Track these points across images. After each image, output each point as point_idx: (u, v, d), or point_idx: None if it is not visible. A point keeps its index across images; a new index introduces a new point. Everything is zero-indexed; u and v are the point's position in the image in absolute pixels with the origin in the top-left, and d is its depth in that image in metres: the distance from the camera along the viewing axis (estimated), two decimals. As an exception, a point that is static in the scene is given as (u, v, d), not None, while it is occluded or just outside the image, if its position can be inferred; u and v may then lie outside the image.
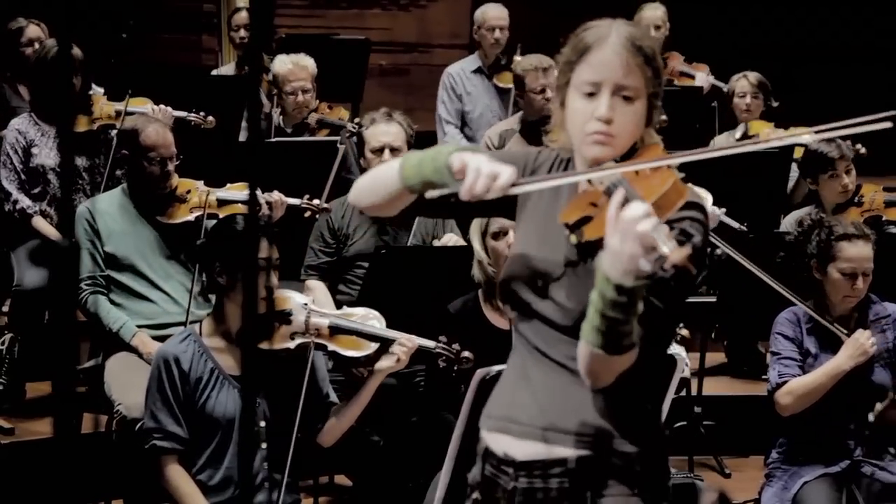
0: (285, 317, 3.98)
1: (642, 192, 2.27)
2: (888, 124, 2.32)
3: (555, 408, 2.43)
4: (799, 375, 4.30)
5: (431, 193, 2.40)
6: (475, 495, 2.54)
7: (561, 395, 2.42)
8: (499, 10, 7.10)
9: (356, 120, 6.15)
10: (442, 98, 7.04)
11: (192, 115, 5.56)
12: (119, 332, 4.58)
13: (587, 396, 2.40)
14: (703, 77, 7.33)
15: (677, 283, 2.33)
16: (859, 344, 4.24)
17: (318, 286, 4.94)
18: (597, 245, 2.30)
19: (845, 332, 4.29)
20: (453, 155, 2.36)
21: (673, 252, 2.14)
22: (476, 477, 2.55)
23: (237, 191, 4.84)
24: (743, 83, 6.76)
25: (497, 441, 2.50)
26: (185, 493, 3.80)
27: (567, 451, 2.41)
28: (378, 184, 2.54)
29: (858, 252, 4.28)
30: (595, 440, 2.40)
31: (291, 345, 3.96)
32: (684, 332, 4.54)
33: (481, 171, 2.30)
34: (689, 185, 2.35)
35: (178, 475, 3.82)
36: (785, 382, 4.29)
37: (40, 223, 5.37)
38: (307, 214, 4.98)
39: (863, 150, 5.92)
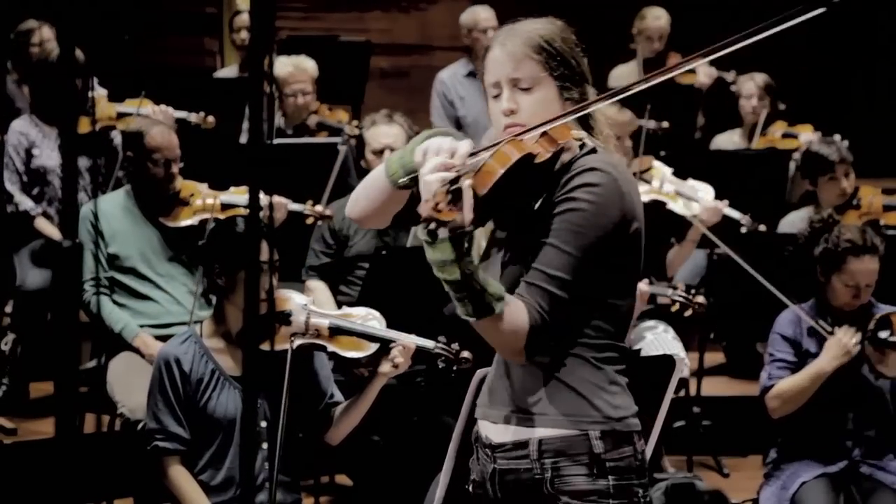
0: (285, 318, 3.99)
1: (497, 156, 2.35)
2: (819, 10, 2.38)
3: (519, 391, 2.50)
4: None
5: (403, 180, 2.49)
6: (472, 476, 2.63)
7: (522, 378, 2.50)
8: (488, 12, 7.07)
9: (355, 122, 6.16)
10: (434, 105, 7.04)
11: (193, 115, 5.58)
12: (121, 332, 4.60)
13: (542, 376, 2.47)
14: (704, 69, 7.33)
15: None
16: (842, 344, 4.23)
17: (318, 287, 4.96)
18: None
19: (829, 330, 4.28)
20: (416, 148, 2.46)
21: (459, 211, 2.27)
22: (473, 463, 2.64)
23: (241, 195, 4.86)
24: (749, 86, 6.76)
25: (482, 426, 2.59)
26: (187, 493, 3.82)
27: (528, 432, 2.48)
28: (369, 188, 2.62)
29: (864, 267, 4.25)
30: (554, 419, 2.46)
31: (291, 346, 3.97)
32: (700, 299, 4.50)
33: (441, 147, 2.39)
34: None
35: (180, 476, 3.84)
36: (773, 386, 4.31)
37: (43, 224, 5.39)
38: (309, 221, 4.99)
39: (782, 106, 5.90)
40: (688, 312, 4.42)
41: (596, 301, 2.46)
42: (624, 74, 7.30)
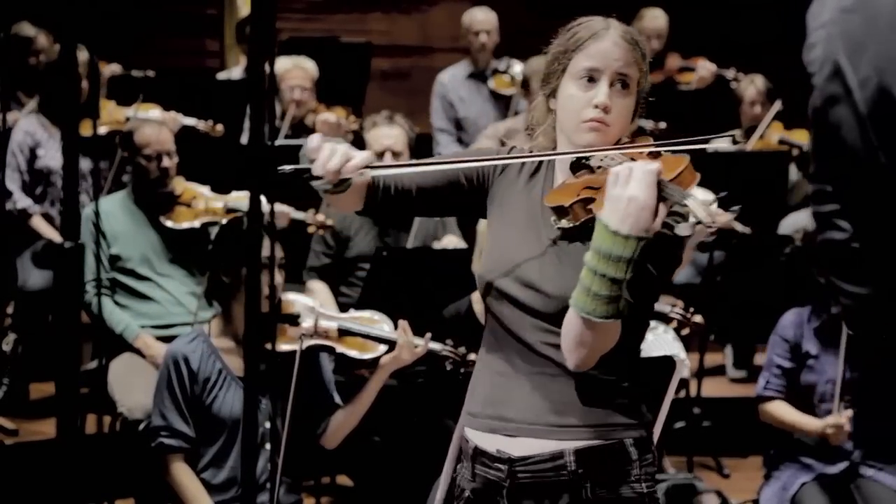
0: (294, 320, 4.01)
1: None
2: (726, 143, 2.42)
3: (546, 402, 2.42)
4: (781, 392, 4.38)
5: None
6: (467, 494, 2.53)
7: (550, 388, 2.42)
8: (485, 14, 7.06)
9: (352, 118, 6.16)
10: (434, 107, 7.04)
11: (201, 122, 5.59)
12: (122, 333, 4.61)
13: (576, 386, 2.41)
14: (704, 67, 7.33)
15: (671, 253, 2.39)
16: (840, 426, 4.24)
17: (319, 287, 4.96)
18: (584, 229, 2.35)
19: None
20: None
21: (716, 215, 2.20)
22: (466, 475, 2.54)
23: (243, 199, 4.86)
24: (751, 91, 6.77)
25: (487, 439, 2.49)
26: (190, 491, 3.83)
27: (562, 444, 2.41)
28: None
29: None
30: (590, 430, 2.41)
31: (301, 346, 3.98)
32: (697, 318, 4.52)
33: (336, 150, 2.38)
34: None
35: (183, 473, 3.85)
36: (768, 398, 4.38)
37: (39, 223, 5.39)
38: (311, 230, 4.99)
39: (663, 125, 5.93)
40: (685, 331, 4.45)
41: (647, 312, 2.49)
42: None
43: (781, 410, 4.38)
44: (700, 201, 2.20)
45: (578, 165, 2.46)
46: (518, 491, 2.45)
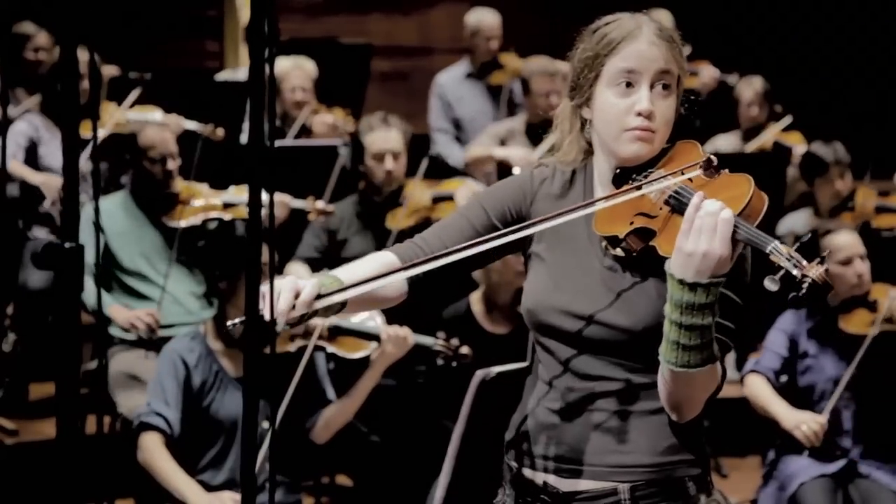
0: (286, 320, 4.00)
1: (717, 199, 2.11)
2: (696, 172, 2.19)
3: (603, 442, 2.27)
4: (774, 370, 4.40)
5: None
6: None
7: (608, 427, 2.27)
8: (495, 19, 7.05)
9: (349, 120, 6.16)
10: (433, 106, 7.04)
11: (202, 126, 5.59)
12: (95, 307, 4.57)
13: (637, 424, 2.27)
14: (708, 72, 7.34)
15: (743, 270, 2.23)
16: (808, 427, 4.21)
17: (298, 268, 4.91)
18: (640, 256, 2.21)
19: None
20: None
21: (809, 268, 2.04)
22: (506, 502, 2.40)
23: (241, 194, 4.87)
24: (749, 93, 6.78)
25: (536, 474, 2.34)
26: (161, 467, 3.73)
27: (619, 484, 2.26)
28: None
29: (846, 239, 4.37)
30: (650, 466, 2.26)
31: (292, 348, 3.98)
32: None
33: (281, 288, 2.13)
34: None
35: (154, 448, 3.74)
36: (754, 371, 4.41)
37: (17, 167, 5.34)
38: (311, 217, 5.00)
39: (779, 108, 5.91)
40: None
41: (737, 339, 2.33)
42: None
43: (761, 389, 4.37)
44: (785, 251, 2.05)
45: (622, 179, 2.28)
46: None
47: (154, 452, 3.75)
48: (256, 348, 2.00)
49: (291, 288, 2.12)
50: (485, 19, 7.03)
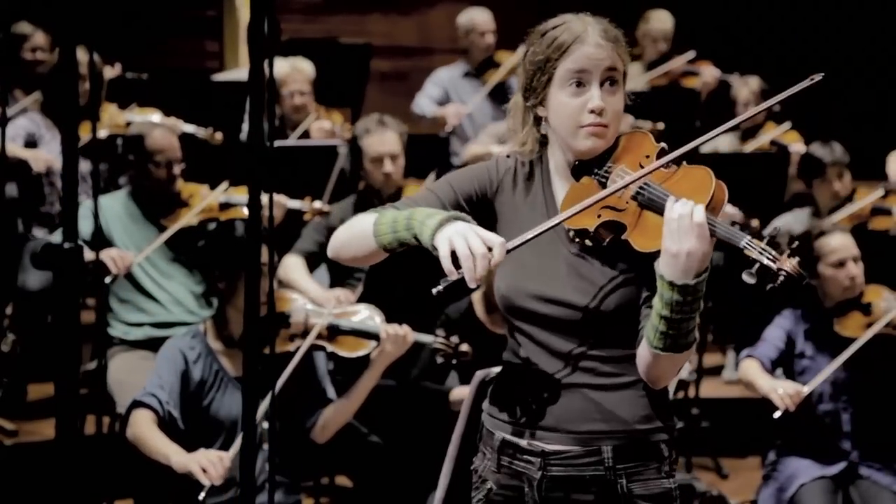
0: (284, 320, 4.01)
1: (682, 194, 2.28)
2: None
3: (584, 412, 2.45)
4: (770, 358, 4.39)
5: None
6: (489, 485, 2.53)
7: (588, 399, 2.45)
8: (487, 15, 7.07)
9: (346, 125, 6.15)
10: (426, 84, 7.06)
11: (201, 129, 5.59)
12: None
13: (615, 396, 2.45)
14: (709, 72, 7.34)
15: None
16: (784, 390, 4.16)
17: (294, 262, 4.89)
18: (609, 244, 2.36)
19: None
20: (437, 239, 2.31)
21: (783, 260, 2.17)
22: (489, 467, 2.53)
23: (240, 194, 4.87)
24: (745, 92, 6.80)
25: (520, 440, 2.50)
26: (148, 440, 3.68)
27: (603, 445, 2.45)
28: (354, 240, 2.51)
29: (840, 241, 4.38)
30: (629, 432, 2.45)
31: (291, 347, 3.98)
32: None
33: (475, 254, 2.26)
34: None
35: (143, 423, 3.70)
36: (749, 356, 4.38)
37: (13, 149, 5.32)
38: (307, 217, 5.00)
39: (661, 126, 5.94)
40: None
41: None
42: (629, 76, 7.31)
43: (752, 368, 4.35)
44: (758, 246, 2.20)
45: (580, 171, 2.46)
46: (549, 483, 2.47)
47: (143, 426, 3.71)
48: (256, 350, 1.99)
49: (483, 255, 2.25)
50: (476, 16, 7.06)
